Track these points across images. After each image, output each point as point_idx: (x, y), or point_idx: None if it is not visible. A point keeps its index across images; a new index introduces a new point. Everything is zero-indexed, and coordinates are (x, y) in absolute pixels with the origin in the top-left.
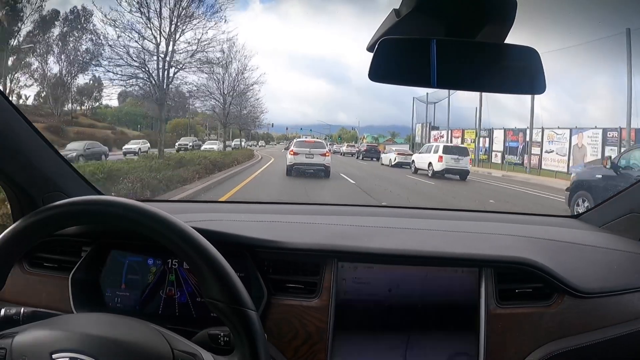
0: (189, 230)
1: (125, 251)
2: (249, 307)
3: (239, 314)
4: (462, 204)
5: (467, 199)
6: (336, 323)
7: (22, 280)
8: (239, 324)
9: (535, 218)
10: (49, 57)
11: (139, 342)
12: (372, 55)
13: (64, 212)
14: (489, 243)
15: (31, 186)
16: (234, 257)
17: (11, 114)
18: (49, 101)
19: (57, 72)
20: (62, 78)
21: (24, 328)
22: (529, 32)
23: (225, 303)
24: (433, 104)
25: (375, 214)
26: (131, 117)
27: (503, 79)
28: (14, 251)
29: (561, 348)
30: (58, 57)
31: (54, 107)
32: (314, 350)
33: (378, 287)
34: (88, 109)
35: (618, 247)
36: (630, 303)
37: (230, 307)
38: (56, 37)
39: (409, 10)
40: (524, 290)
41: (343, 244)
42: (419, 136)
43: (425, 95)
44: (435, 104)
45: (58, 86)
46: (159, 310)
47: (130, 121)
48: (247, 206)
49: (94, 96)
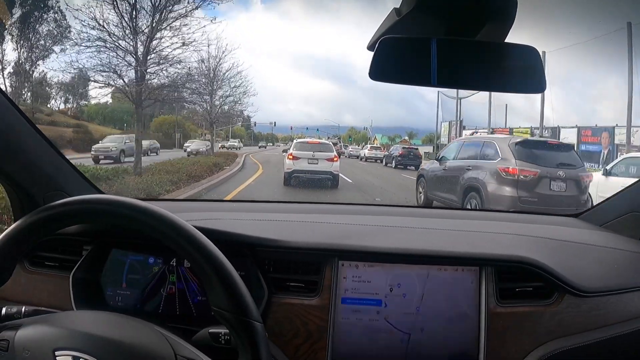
0: (198, 236)
1: (126, 250)
2: (255, 319)
3: (245, 324)
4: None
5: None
6: (337, 321)
7: (23, 279)
8: (244, 334)
9: (535, 217)
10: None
11: (142, 346)
12: (373, 55)
13: (65, 212)
14: (490, 242)
15: (32, 185)
16: (235, 255)
17: (12, 113)
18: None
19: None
20: (21, 65)
21: (28, 322)
22: (529, 31)
23: (232, 313)
24: (458, 99)
25: (376, 213)
26: (117, 115)
27: (503, 78)
28: (16, 250)
29: (561, 347)
30: (17, 41)
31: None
32: (314, 349)
33: (379, 285)
34: (73, 107)
35: (618, 246)
36: (630, 302)
37: (236, 317)
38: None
39: (409, 9)
40: (525, 289)
41: (344, 242)
42: (444, 136)
43: (455, 91)
44: (461, 99)
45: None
46: (160, 309)
47: (117, 119)
48: (248, 205)
49: (79, 93)
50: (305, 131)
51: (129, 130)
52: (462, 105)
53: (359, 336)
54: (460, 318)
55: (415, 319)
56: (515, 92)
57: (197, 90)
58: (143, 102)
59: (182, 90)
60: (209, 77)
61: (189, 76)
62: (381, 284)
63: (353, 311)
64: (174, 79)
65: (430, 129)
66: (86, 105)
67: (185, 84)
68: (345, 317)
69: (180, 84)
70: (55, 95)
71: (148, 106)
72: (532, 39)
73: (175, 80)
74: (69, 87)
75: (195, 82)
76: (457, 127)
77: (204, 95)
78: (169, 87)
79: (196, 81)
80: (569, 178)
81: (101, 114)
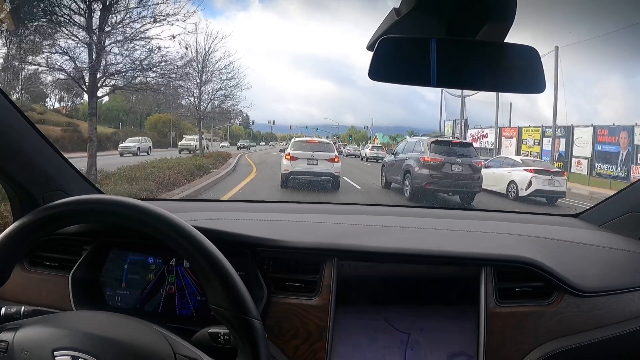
0: (197, 235)
1: (125, 250)
2: (254, 316)
3: (243, 322)
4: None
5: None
6: (336, 321)
7: (22, 279)
8: (243, 332)
9: (535, 217)
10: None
11: (141, 345)
12: (372, 54)
13: (65, 211)
14: (489, 242)
15: (32, 185)
16: (235, 255)
17: (12, 113)
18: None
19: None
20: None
21: (27, 322)
22: (529, 31)
23: (230, 311)
24: (462, 97)
25: (376, 213)
26: (113, 114)
27: (503, 78)
28: (15, 250)
29: (561, 347)
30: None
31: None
32: (314, 349)
33: (378, 285)
34: (67, 105)
35: (618, 246)
36: (630, 302)
37: (235, 315)
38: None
39: (408, 9)
40: (524, 289)
41: (343, 242)
42: (449, 135)
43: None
44: (466, 97)
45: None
46: (159, 309)
47: (113, 118)
48: (247, 205)
49: (74, 92)
50: (305, 130)
51: (123, 130)
52: (465, 104)
53: (358, 336)
54: (459, 318)
55: (415, 319)
56: (515, 92)
57: (168, 75)
58: (99, 90)
59: (149, 74)
60: (197, 67)
61: (162, 58)
62: (381, 284)
63: (352, 311)
64: (135, 59)
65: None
66: (81, 103)
67: (155, 67)
68: (344, 317)
69: (147, 66)
70: (49, 94)
71: (105, 95)
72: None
73: (137, 61)
74: (64, 85)
75: (169, 65)
76: (462, 126)
77: (187, 82)
78: (132, 69)
79: (170, 64)
80: (465, 163)
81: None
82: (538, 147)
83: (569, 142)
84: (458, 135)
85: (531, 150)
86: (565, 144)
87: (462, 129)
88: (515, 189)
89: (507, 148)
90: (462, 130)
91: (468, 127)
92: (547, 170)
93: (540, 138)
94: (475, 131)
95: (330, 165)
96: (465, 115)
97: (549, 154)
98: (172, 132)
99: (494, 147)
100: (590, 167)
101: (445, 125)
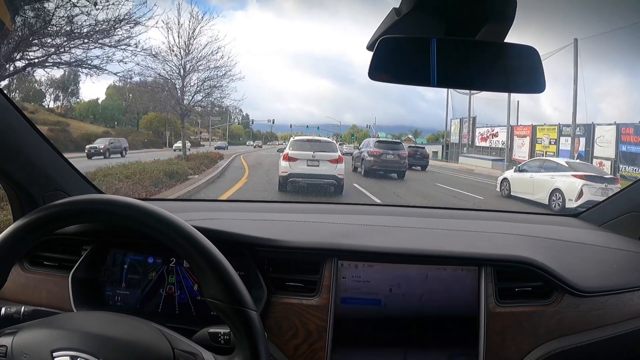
0: (190, 230)
1: (125, 250)
2: (249, 307)
3: (240, 314)
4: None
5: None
6: (336, 322)
7: (22, 279)
8: (239, 324)
9: (535, 217)
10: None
11: (140, 341)
12: (372, 54)
13: (65, 211)
14: (489, 242)
15: (31, 185)
16: (234, 255)
17: (12, 113)
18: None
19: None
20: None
21: (25, 326)
22: (529, 31)
23: (226, 303)
24: (470, 94)
25: (376, 213)
26: (109, 113)
27: (503, 78)
28: (15, 250)
29: (561, 347)
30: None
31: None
32: (314, 349)
33: (378, 285)
34: (62, 104)
35: (618, 246)
36: (629, 302)
37: (231, 307)
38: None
39: (408, 9)
40: (524, 289)
41: (343, 242)
42: (455, 134)
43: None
44: (472, 95)
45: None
46: (159, 309)
47: (109, 117)
48: (247, 205)
49: (70, 90)
50: (306, 129)
51: (119, 129)
52: (469, 103)
53: (358, 336)
54: (459, 318)
55: (415, 319)
56: (515, 92)
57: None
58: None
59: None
60: (179, 54)
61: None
62: (381, 284)
63: (352, 311)
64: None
65: (432, 128)
66: (77, 103)
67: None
68: (344, 317)
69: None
70: (45, 92)
71: (9, 74)
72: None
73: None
74: (59, 83)
75: (117, 35)
76: (469, 124)
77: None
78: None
79: (116, 33)
80: (396, 154)
81: (91, 112)
82: (554, 146)
83: (589, 141)
84: (466, 132)
85: (547, 150)
86: (585, 143)
87: (469, 127)
88: (562, 199)
89: (520, 147)
90: (469, 129)
91: (476, 126)
92: (601, 177)
93: (556, 137)
94: (484, 130)
95: (333, 167)
96: (473, 113)
97: (567, 154)
98: (167, 132)
99: (505, 147)
100: (614, 168)
101: (452, 124)
